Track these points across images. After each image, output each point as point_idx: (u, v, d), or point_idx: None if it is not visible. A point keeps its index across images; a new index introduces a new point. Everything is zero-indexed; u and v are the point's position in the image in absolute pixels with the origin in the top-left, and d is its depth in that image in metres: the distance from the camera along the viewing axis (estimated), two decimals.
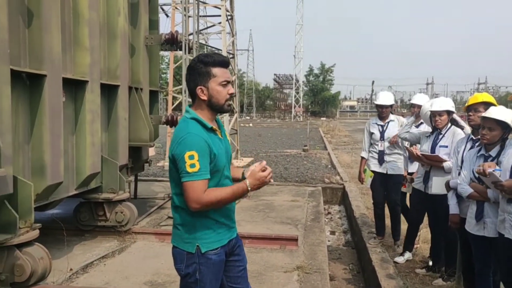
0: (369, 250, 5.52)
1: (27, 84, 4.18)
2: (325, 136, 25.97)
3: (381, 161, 5.63)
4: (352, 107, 78.26)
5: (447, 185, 4.10)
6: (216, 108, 2.33)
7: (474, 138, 3.99)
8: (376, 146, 5.70)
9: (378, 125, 5.72)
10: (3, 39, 3.60)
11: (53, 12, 4.26)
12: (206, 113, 2.33)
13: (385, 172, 5.61)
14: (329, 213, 9.30)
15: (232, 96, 2.35)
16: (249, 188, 2.29)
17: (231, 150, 2.52)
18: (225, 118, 14.08)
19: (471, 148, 3.94)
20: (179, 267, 2.35)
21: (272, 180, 2.35)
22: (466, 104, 4.03)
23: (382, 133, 5.64)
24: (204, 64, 2.27)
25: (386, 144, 5.60)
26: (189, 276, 2.32)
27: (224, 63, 2.30)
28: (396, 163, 5.59)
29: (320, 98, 63.85)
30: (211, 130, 2.31)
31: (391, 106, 5.70)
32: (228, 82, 2.31)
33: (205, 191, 2.21)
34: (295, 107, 56.02)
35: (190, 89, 2.33)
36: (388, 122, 5.63)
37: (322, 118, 51.60)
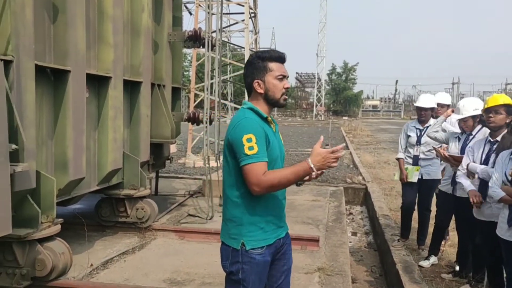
0: (392, 252, 5.38)
1: (52, 79, 4.20)
2: (347, 135, 25.68)
3: (415, 166, 5.46)
4: (374, 106, 77.16)
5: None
6: (272, 102, 2.37)
7: (492, 140, 3.91)
8: (411, 150, 5.52)
9: (416, 128, 5.52)
10: (29, 34, 3.62)
11: (78, 8, 4.27)
12: (262, 106, 2.37)
13: (420, 177, 5.44)
14: (350, 213, 9.16)
15: (288, 90, 2.39)
16: (311, 166, 2.21)
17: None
18: None
19: (489, 151, 3.85)
20: (224, 264, 2.37)
21: (335, 164, 2.25)
22: (486, 106, 3.92)
23: (419, 137, 5.44)
24: (261, 59, 2.35)
25: (422, 148, 5.41)
26: (232, 275, 2.33)
27: (280, 58, 2.37)
28: (432, 168, 5.41)
29: (342, 97, 63.16)
30: (266, 120, 2.35)
31: (431, 109, 5.45)
32: (284, 76, 2.36)
33: (265, 173, 2.21)
34: (316, 106, 55.62)
35: (248, 83, 2.39)
36: (427, 127, 5.35)
37: (344, 117, 51.09)
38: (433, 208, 5.47)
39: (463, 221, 4.56)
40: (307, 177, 2.34)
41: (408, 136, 5.57)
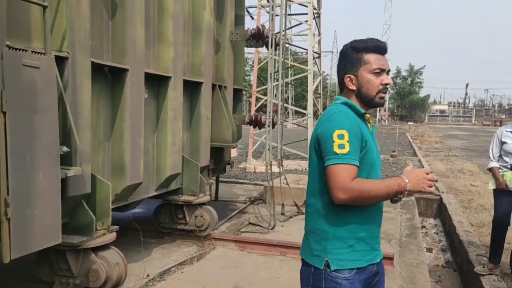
0: (481, 277, 4.68)
1: (109, 78, 3.99)
2: (414, 141, 24.35)
3: None
4: (442, 111, 73.37)
5: None
6: (366, 100, 2.00)
7: None
8: (507, 159, 4.77)
9: None
10: (84, 30, 3.41)
11: (137, 3, 4.04)
12: (357, 104, 2.00)
13: None
14: (423, 227, 8.38)
15: (386, 87, 2.00)
16: (406, 181, 1.88)
17: None
18: (309, 120, 13.54)
19: None
20: None
21: (432, 189, 1.92)
22: None
23: None
24: (355, 50, 2.00)
25: None
26: None
27: (379, 48, 2.00)
28: None
29: (408, 102, 60.82)
30: (363, 117, 2.00)
31: None
32: (383, 70, 1.99)
33: (354, 179, 1.81)
34: (380, 110, 53.79)
35: (339, 77, 2.08)
36: None
37: (409, 123, 48.94)
38: None
39: None
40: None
41: (503, 143, 4.81)
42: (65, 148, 3.01)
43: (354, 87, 2.00)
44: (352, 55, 2.00)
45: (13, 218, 2.55)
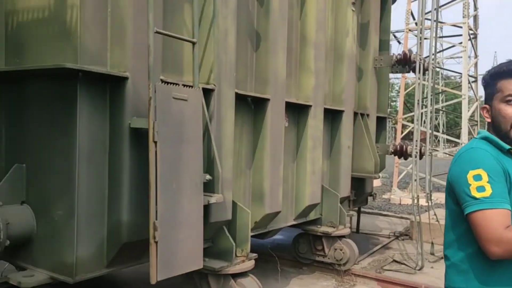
0: None
1: (252, 108, 4.12)
2: None
3: None
4: None
5: None
6: (501, 135, 1.68)
7: None
8: None
9: None
10: (230, 63, 3.58)
11: (280, 33, 4.14)
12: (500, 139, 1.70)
13: None
14: None
15: None
16: None
17: None
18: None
19: None
20: None
21: None
22: None
23: None
24: (490, 77, 1.74)
25: None
26: None
27: None
28: None
29: None
30: (509, 153, 1.66)
31: None
32: None
33: (508, 226, 1.49)
34: None
35: None
36: None
37: None
38: None
39: None
40: None
41: None
42: (208, 176, 3.15)
43: (489, 119, 1.73)
44: (488, 83, 1.74)
45: (160, 242, 2.71)
